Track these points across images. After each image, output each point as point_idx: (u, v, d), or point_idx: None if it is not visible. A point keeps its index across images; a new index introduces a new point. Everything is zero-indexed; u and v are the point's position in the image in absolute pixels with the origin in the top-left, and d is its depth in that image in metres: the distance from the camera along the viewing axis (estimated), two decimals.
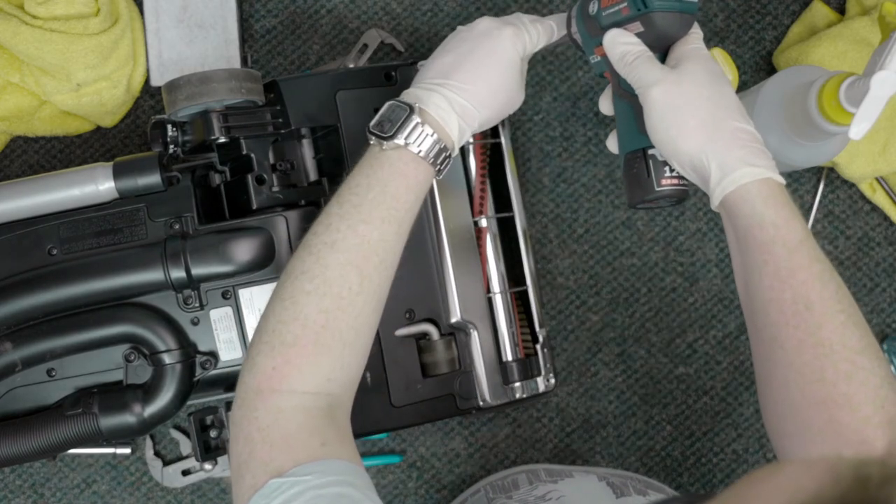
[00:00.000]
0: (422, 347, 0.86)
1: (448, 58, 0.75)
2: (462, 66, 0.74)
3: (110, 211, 0.84)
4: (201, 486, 0.98)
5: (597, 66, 0.77)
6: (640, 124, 0.73)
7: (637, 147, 0.74)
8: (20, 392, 0.83)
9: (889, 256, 1.03)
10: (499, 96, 0.75)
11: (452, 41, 0.76)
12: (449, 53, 0.75)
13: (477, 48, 0.74)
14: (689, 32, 0.73)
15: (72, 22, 0.88)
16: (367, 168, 0.72)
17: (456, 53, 0.75)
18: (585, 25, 0.76)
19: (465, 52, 0.74)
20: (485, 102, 0.74)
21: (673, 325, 1.03)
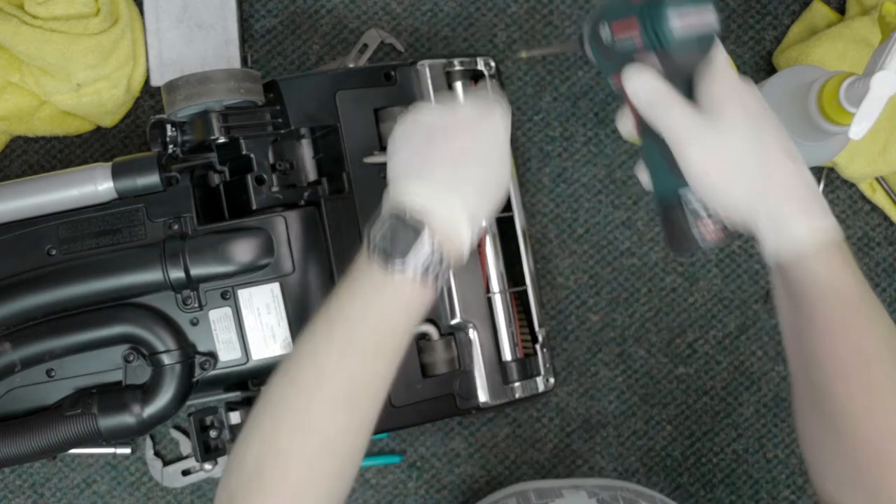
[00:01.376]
0: (421, 347, 0.86)
1: (447, 152, 0.66)
2: (467, 163, 0.66)
3: (109, 211, 0.84)
4: (201, 486, 0.98)
5: (617, 91, 0.70)
6: (674, 164, 0.65)
7: (671, 188, 0.67)
8: (19, 392, 0.83)
9: (889, 256, 1.03)
10: (502, 186, 0.69)
11: (433, 138, 0.67)
12: (446, 143, 0.67)
13: (477, 139, 0.67)
14: (714, 55, 0.65)
15: (72, 22, 0.88)
16: (364, 289, 0.64)
17: (452, 151, 0.66)
18: (599, 51, 0.70)
19: (468, 146, 0.67)
20: (492, 199, 0.68)
21: (673, 325, 1.03)
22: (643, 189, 1.02)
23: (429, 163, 0.66)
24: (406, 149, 0.68)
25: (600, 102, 1.03)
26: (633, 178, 1.03)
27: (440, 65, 0.88)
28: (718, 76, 0.65)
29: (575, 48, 0.73)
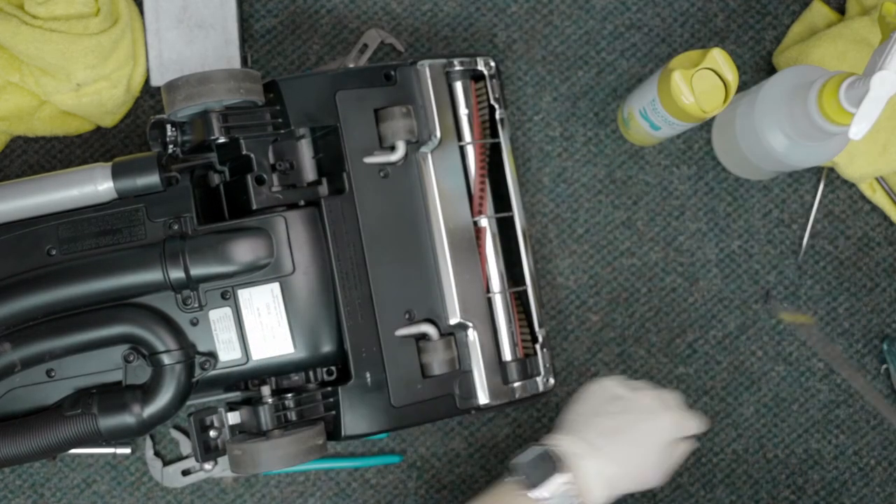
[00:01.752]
0: (421, 348, 0.86)
1: (609, 422, 0.76)
2: (626, 438, 0.75)
3: (109, 211, 0.84)
4: (201, 486, 0.98)
5: None
6: None
7: None
8: (19, 392, 0.83)
9: (889, 256, 1.03)
10: (646, 475, 0.77)
11: (613, 403, 0.77)
12: (610, 417, 0.76)
13: (641, 423, 0.75)
14: None
15: (72, 22, 0.88)
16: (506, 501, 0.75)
17: (618, 422, 0.76)
18: None
19: (631, 424, 0.75)
20: (632, 479, 0.76)
21: (673, 325, 1.03)
22: (643, 189, 1.02)
23: (598, 419, 0.77)
24: (582, 406, 0.79)
25: (600, 102, 1.03)
26: (633, 177, 1.03)
27: (440, 65, 0.88)
28: None
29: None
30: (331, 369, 0.86)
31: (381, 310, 0.84)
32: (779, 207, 1.03)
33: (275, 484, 0.99)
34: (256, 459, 0.79)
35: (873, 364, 1.03)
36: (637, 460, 0.76)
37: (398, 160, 0.86)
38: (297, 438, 0.80)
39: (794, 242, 1.03)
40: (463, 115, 0.90)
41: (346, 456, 1.00)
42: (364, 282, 0.84)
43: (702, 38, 1.04)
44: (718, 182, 1.03)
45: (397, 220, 0.86)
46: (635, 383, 0.80)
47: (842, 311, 1.03)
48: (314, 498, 1.00)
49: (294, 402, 0.84)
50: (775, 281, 1.03)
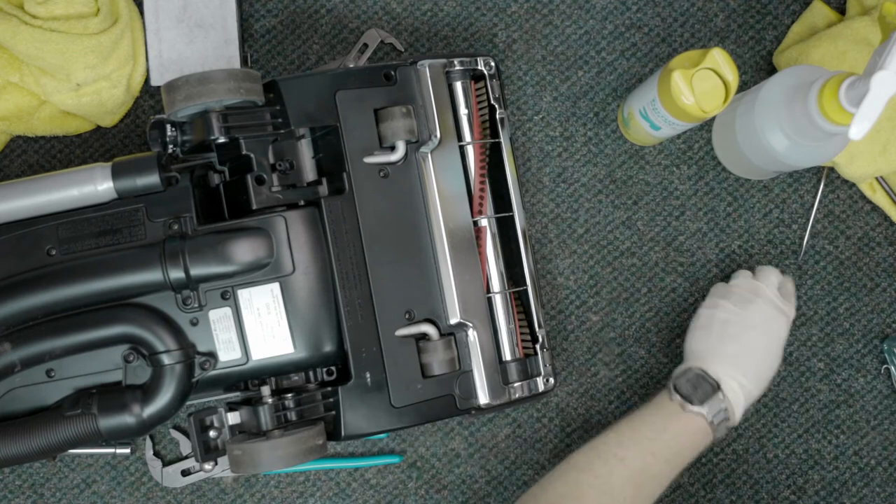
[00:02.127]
0: (421, 348, 0.86)
1: (737, 346, 0.87)
2: (754, 356, 0.87)
3: (109, 211, 0.84)
4: (201, 486, 0.98)
5: None
6: None
7: None
8: (19, 393, 0.83)
9: (889, 256, 1.03)
10: (772, 375, 0.89)
11: (731, 327, 0.88)
12: (736, 340, 0.87)
13: (763, 337, 0.88)
14: None
15: (72, 22, 0.88)
16: (664, 415, 0.84)
17: (744, 341, 0.87)
18: None
19: (754, 341, 0.87)
20: (765, 385, 0.88)
21: (673, 325, 1.03)
22: (643, 189, 1.02)
23: (726, 344, 0.87)
24: (703, 332, 0.89)
25: (600, 102, 1.03)
26: (633, 177, 1.03)
27: (440, 65, 0.88)
28: None
29: None
30: (331, 369, 0.86)
31: (381, 310, 0.84)
32: (779, 207, 1.03)
33: (275, 484, 0.99)
34: (256, 459, 0.79)
35: (873, 364, 1.03)
36: (767, 369, 0.87)
37: (398, 160, 0.86)
38: (296, 438, 0.80)
39: (794, 242, 1.03)
40: (463, 115, 0.90)
41: (346, 456, 1.00)
42: (364, 282, 0.84)
43: (702, 38, 1.04)
44: (718, 182, 1.03)
45: (397, 220, 0.86)
46: (733, 297, 0.90)
47: (842, 311, 1.03)
48: (314, 498, 1.00)
49: (294, 402, 0.84)
50: None
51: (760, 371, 0.87)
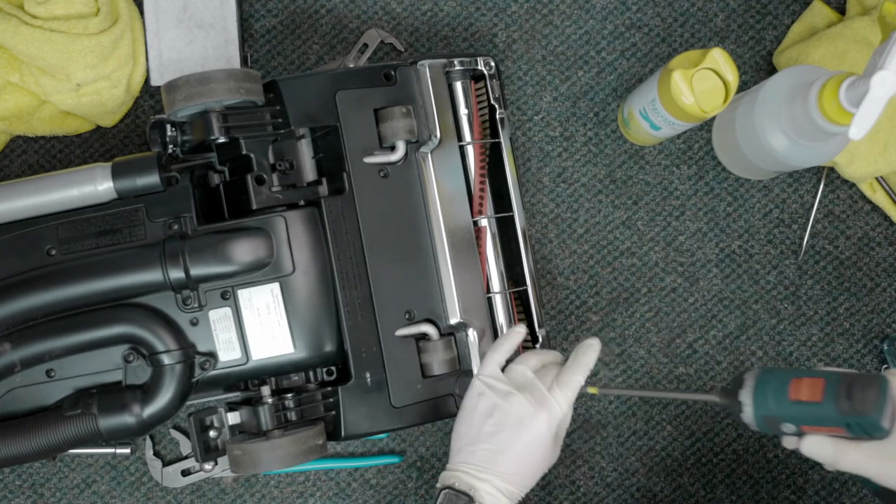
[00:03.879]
0: (421, 348, 0.86)
1: (492, 445, 0.78)
2: (508, 456, 0.78)
3: (109, 211, 0.84)
4: (201, 486, 0.98)
5: (766, 429, 0.76)
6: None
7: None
8: (19, 393, 0.83)
9: (889, 256, 1.03)
10: (539, 471, 0.80)
11: (489, 419, 0.79)
12: (490, 439, 0.78)
13: (518, 438, 0.78)
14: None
15: (72, 22, 0.88)
16: None
17: (498, 441, 0.78)
18: (761, 420, 0.74)
19: (508, 442, 0.78)
20: (529, 482, 0.79)
21: (673, 325, 1.03)
22: (643, 189, 1.02)
23: (479, 445, 0.78)
24: (463, 427, 0.80)
25: (600, 102, 1.03)
26: (633, 177, 1.03)
27: (440, 65, 0.88)
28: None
29: (706, 399, 0.79)
30: (331, 369, 0.86)
31: (381, 310, 0.84)
32: (779, 207, 1.03)
33: (275, 484, 0.99)
34: (256, 459, 0.79)
35: (873, 364, 1.03)
36: (529, 470, 0.79)
37: (398, 160, 0.86)
38: (296, 438, 0.80)
39: (794, 242, 1.03)
40: (463, 115, 0.90)
41: (346, 456, 1.00)
42: (364, 282, 0.84)
43: (702, 38, 1.04)
44: (718, 182, 1.03)
45: (397, 220, 0.86)
46: (496, 387, 0.80)
47: (842, 311, 1.03)
48: (314, 498, 1.00)
49: (294, 402, 0.84)
50: (775, 281, 1.03)
51: (521, 473, 0.79)
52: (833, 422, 0.70)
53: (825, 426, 0.71)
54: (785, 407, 0.72)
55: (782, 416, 0.73)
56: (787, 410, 0.72)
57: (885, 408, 0.69)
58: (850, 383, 0.70)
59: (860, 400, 0.69)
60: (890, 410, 0.69)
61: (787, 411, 0.72)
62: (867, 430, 0.70)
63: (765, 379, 0.74)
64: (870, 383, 0.69)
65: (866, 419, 0.69)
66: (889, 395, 0.69)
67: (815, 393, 0.71)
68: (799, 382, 0.72)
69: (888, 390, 0.69)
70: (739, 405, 0.75)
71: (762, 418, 0.74)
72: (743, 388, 0.75)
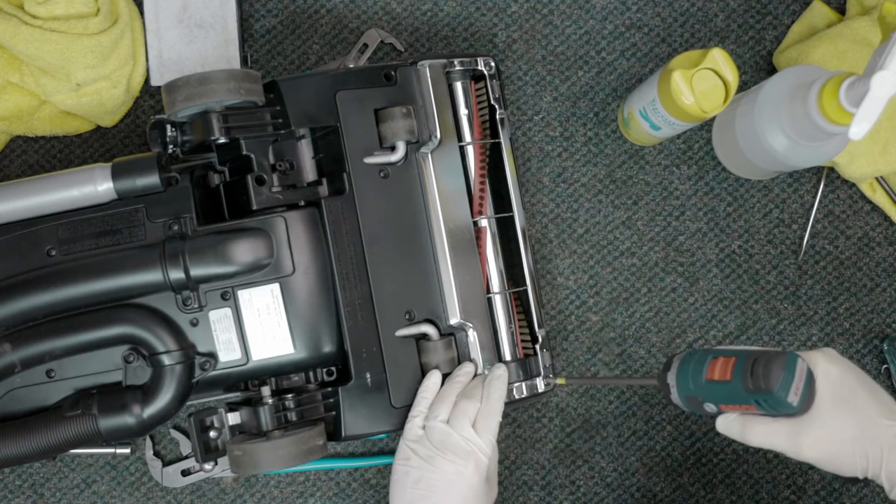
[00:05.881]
0: (421, 348, 0.86)
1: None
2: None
3: (109, 212, 0.84)
4: (201, 486, 0.98)
5: (690, 408, 0.77)
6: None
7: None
8: (19, 393, 0.83)
9: (889, 256, 1.03)
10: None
11: (419, 485, 0.80)
12: (429, 498, 0.79)
13: (450, 497, 0.79)
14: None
15: (72, 22, 0.88)
16: None
17: (437, 501, 0.79)
18: (685, 401, 0.76)
19: (445, 500, 0.79)
20: None
21: (673, 325, 1.03)
22: (643, 189, 1.02)
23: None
24: (398, 493, 0.82)
25: (600, 102, 1.03)
26: (633, 177, 1.03)
27: (440, 65, 0.88)
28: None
29: (648, 384, 0.81)
30: (331, 370, 0.86)
31: (381, 310, 0.84)
32: (779, 207, 1.03)
33: (275, 484, 0.99)
34: (256, 460, 0.79)
35: (873, 364, 1.03)
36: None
37: (398, 160, 0.86)
38: (297, 439, 0.80)
39: (794, 242, 1.03)
40: (463, 116, 0.90)
41: (346, 456, 1.00)
42: (364, 282, 0.84)
43: (702, 38, 1.04)
44: (718, 182, 1.03)
45: (397, 220, 0.86)
46: (421, 451, 0.81)
47: (842, 311, 1.03)
48: (314, 498, 1.00)
49: (294, 403, 0.84)
50: (775, 281, 1.03)
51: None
52: (744, 399, 0.72)
53: (738, 404, 0.72)
54: (701, 387, 0.74)
55: (701, 395, 0.74)
56: (703, 390, 0.74)
57: (791, 385, 0.69)
58: (755, 360, 0.71)
59: (763, 377, 0.70)
60: (796, 387, 0.70)
61: (703, 391, 0.74)
62: (775, 407, 0.70)
63: (686, 360, 0.75)
64: (773, 360, 0.70)
65: (770, 396, 0.70)
66: (796, 371, 0.70)
67: (725, 372, 0.72)
68: (715, 362, 0.73)
69: (795, 367, 0.70)
70: (668, 387, 0.76)
71: (685, 399, 0.75)
72: (670, 370, 0.76)
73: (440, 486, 0.80)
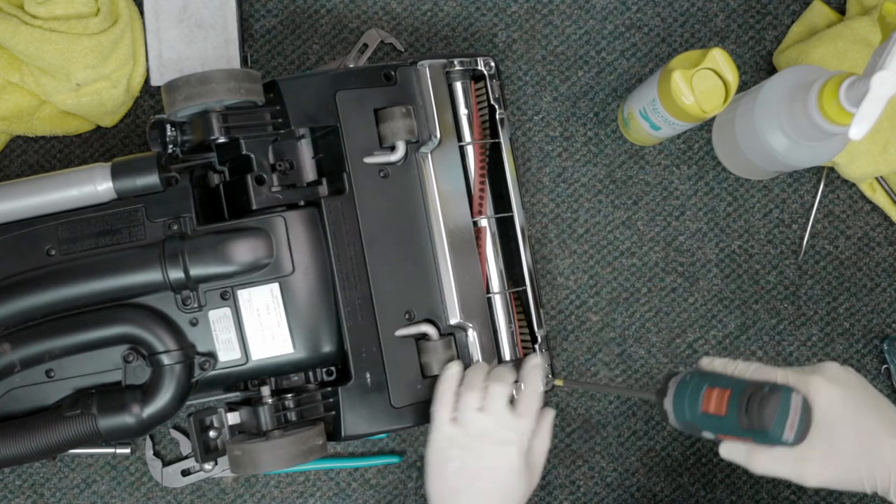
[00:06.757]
0: (421, 348, 0.86)
1: (471, 495, 0.80)
2: (483, 490, 0.80)
3: (109, 211, 0.84)
4: (201, 486, 0.98)
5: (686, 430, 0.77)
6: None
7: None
8: (19, 393, 0.83)
9: (889, 256, 1.03)
10: (522, 500, 0.82)
11: (462, 473, 0.80)
12: (469, 490, 0.80)
13: (493, 481, 0.80)
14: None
15: (72, 22, 0.88)
16: None
17: (476, 490, 0.80)
18: (683, 426, 0.76)
19: (486, 488, 0.80)
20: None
21: (673, 325, 1.03)
22: (643, 189, 1.02)
23: (459, 499, 0.80)
24: (437, 484, 0.82)
25: (600, 102, 1.03)
26: (633, 177, 1.03)
27: (440, 65, 0.88)
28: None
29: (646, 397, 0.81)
30: (330, 369, 0.86)
31: (381, 310, 0.84)
32: (779, 207, 1.03)
33: (275, 484, 0.99)
34: (256, 460, 0.79)
35: (873, 364, 1.03)
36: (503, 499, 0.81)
37: (398, 160, 0.86)
38: (296, 439, 0.80)
39: (794, 242, 1.03)
40: (463, 115, 0.90)
41: (346, 456, 1.00)
42: (364, 282, 0.84)
43: (702, 38, 1.04)
44: (718, 182, 1.03)
45: (397, 220, 0.86)
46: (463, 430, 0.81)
47: (842, 311, 1.03)
48: (314, 498, 1.00)
49: (294, 403, 0.84)
50: (775, 281, 1.03)
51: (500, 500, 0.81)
52: (740, 433, 0.72)
53: (735, 436, 0.73)
54: (698, 418, 0.74)
55: (699, 424, 0.74)
56: (700, 421, 0.74)
57: (785, 422, 0.70)
58: (750, 397, 0.71)
59: (757, 416, 0.70)
60: (791, 422, 0.70)
61: (700, 421, 0.74)
62: (771, 441, 0.71)
63: (682, 388, 0.75)
64: (768, 398, 0.70)
65: (766, 434, 0.70)
66: (790, 407, 0.70)
67: (720, 406, 0.72)
68: (710, 393, 0.73)
69: (790, 403, 0.70)
70: (664, 411, 0.77)
71: (683, 424, 0.76)
72: (666, 395, 0.77)
73: (484, 472, 0.80)
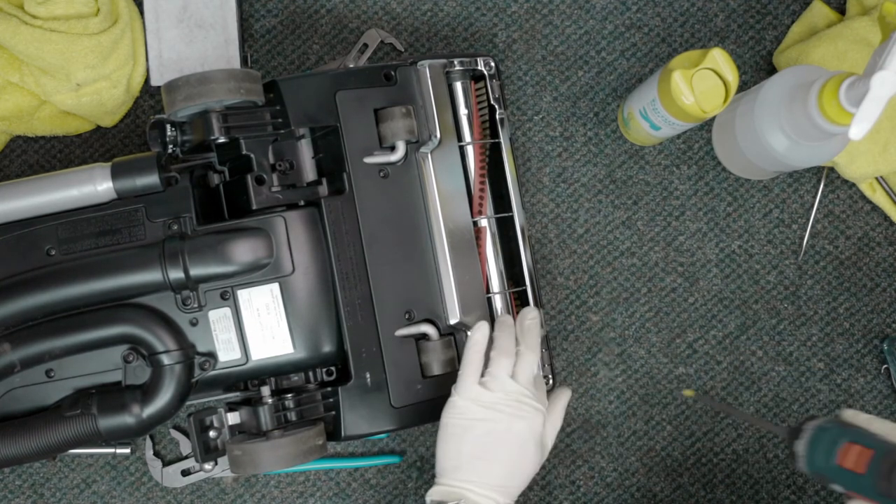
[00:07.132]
0: (421, 348, 0.86)
1: (484, 459, 0.79)
2: (503, 468, 0.79)
3: (108, 211, 0.84)
4: (201, 486, 0.98)
5: (816, 478, 0.77)
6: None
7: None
8: (19, 393, 0.83)
9: (889, 256, 1.03)
10: (531, 474, 0.81)
11: (479, 436, 0.79)
12: (483, 454, 0.79)
13: (508, 448, 0.79)
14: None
15: (72, 22, 0.88)
16: None
17: (490, 455, 0.79)
18: (812, 472, 0.75)
19: (500, 454, 0.79)
20: (522, 487, 0.81)
21: (673, 325, 1.03)
22: (643, 189, 1.02)
23: (464, 459, 0.79)
24: (451, 445, 0.80)
25: (600, 102, 1.03)
26: (633, 177, 1.03)
27: (440, 65, 0.88)
28: None
29: (775, 431, 0.81)
30: (330, 369, 0.86)
31: (380, 310, 0.84)
32: (779, 207, 1.03)
33: (275, 484, 0.99)
34: (256, 460, 0.79)
35: (873, 364, 1.03)
36: (520, 474, 0.80)
37: (398, 160, 0.86)
38: (296, 439, 0.80)
39: (794, 242, 1.03)
40: (463, 115, 0.90)
41: (346, 456, 1.00)
42: (364, 282, 0.84)
43: (702, 38, 1.04)
44: (718, 182, 1.03)
45: (397, 220, 0.86)
46: (487, 394, 0.80)
47: (842, 311, 1.03)
48: (314, 498, 1.00)
49: (294, 403, 0.84)
50: (775, 281, 1.03)
51: (515, 483, 0.81)
52: (874, 496, 0.71)
53: (866, 497, 0.71)
54: (832, 470, 0.73)
55: (830, 476, 0.74)
56: (833, 473, 0.73)
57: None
58: (894, 464, 0.69)
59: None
60: None
61: (833, 473, 0.73)
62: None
63: (819, 436, 0.74)
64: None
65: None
66: None
67: (860, 463, 0.71)
68: (849, 448, 0.72)
69: None
70: (794, 454, 0.76)
71: (812, 472, 0.75)
72: (799, 438, 0.76)
73: (509, 438, 0.79)
